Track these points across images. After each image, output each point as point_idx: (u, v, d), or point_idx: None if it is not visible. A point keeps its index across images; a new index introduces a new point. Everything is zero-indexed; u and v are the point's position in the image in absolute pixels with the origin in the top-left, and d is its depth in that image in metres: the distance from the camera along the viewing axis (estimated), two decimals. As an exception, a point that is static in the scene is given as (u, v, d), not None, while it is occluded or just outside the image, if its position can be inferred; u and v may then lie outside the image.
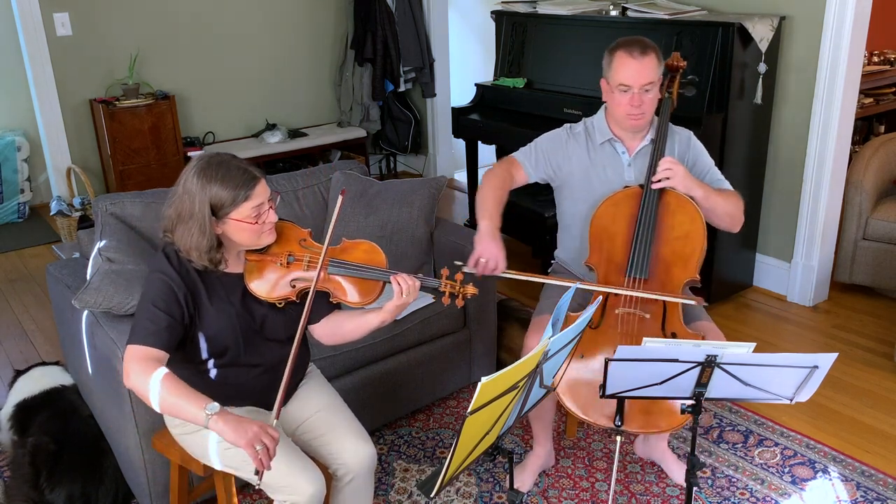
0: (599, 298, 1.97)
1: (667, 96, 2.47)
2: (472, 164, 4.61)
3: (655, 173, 2.31)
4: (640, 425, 2.19)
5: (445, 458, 1.51)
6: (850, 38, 3.40)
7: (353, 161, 3.40)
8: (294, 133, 5.54)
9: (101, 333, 2.32)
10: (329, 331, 2.10)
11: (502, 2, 4.66)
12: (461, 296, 2.00)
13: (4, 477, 2.72)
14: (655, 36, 3.67)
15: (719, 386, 1.84)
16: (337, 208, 1.97)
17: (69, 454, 2.52)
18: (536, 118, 4.14)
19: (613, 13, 4.02)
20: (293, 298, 1.98)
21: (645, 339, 1.85)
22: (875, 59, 5.31)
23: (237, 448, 1.95)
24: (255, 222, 1.88)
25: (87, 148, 5.08)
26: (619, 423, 2.11)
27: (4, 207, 5.27)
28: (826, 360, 1.72)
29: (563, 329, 1.72)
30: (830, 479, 2.63)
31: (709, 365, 1.77)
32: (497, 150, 4.87)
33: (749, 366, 1.77)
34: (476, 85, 4.59)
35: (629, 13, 3.93)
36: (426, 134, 6.05)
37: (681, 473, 2.58)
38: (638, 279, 2.29)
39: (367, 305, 2.01)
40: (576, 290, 2.44)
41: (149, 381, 1.77)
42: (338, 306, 2.12)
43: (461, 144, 4.72)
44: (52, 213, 4.90)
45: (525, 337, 2.43)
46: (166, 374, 1.78)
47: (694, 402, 1.89)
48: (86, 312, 2.43)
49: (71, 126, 4.98)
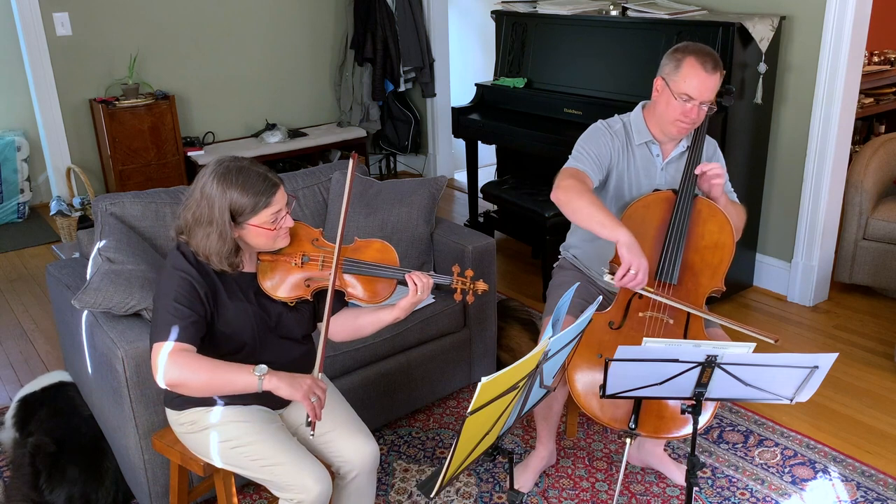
0: (599, 298, 1.96)
1: None
2: (472, 164, 4.61)
3: (706, 173, 2.29)
4: (652, 429, 2.18)
5: (445, 458, 1.51)
6: (850, 38, 3.40)
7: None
8: (294, 133, 5.54)
9: (101, 333, 2.31)
10: (342, 327, 2.11)
11: (502, 2, 4.66)
12: (472, 292, 2.02)
13: (4, 477, 2.72)
14: (655, 36, 3.68)
15: (719, 386, 1.84)
16: (347, 183, 1.97)
17: (69, 454, 2.53)
18: (536, 118, 4.14)
19: (613, 13, 4.02)
20: (308, 297, 2.00)
21: (645, 339, 1.85)
22: (875, 59, 5.31)
23: (242, 447, 1.96)
24: (273, 228, 1.90)
25: (86, 148, 5.08)
26: (633, 425, 2.11)
27: (4, 207, 5.27)
28: (826, 360, 1.72)
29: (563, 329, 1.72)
30: (830, 479, 2.63)
31: (709, 365, 1.77)
32: (497, 150, 4.87)
33: (749, 366, 1.77)
34: (476, 85, 4.59)
35: (629, 13, 3.93)
36: (426, 134, 6.05)
37: (680, 475, 2.58)
38: (667, 284, 2.28)
39: (381, 304, 2.03)
40: (584, 288, 2.46)
41: (190, 369, 1.80)
42: (346, 302, 2.13)
43: (461, 144, 4.72)
44: (52, 213, 4.90)
45: (539, 338, 2.43)
46: (206, 358, 1.83)
47: (694, 402, 1.89)
48: (86, 312, 2.43)
49: (71, 126, 4.98)
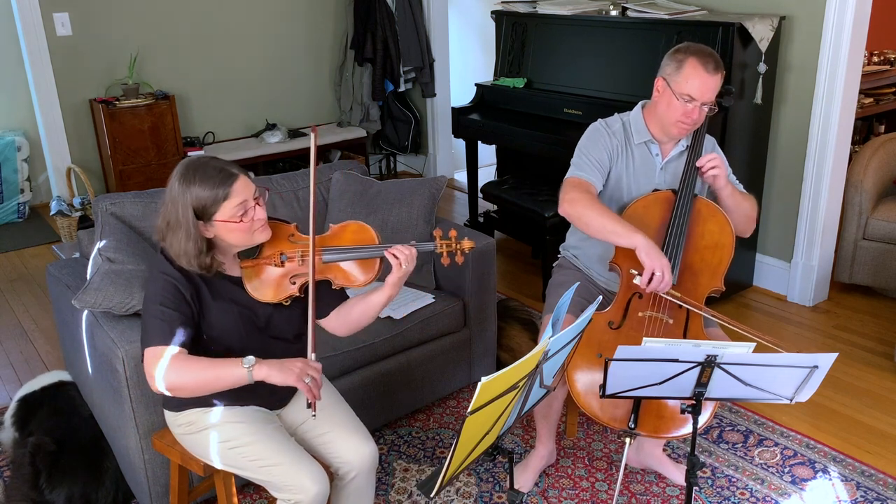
0: (599, 298, 1.96)
1: None
2: (472, 164, 4.61)
3: (702, 168, 2.31)
4: (651, 429, 2.19)
5: (445, 458, 1.51)
6: (850, 38, 3.40)
7: (353, 161, 3.40)
8: (294, 133, 5.54)
9: (101, 333, 2.32)
10: (340, 322, 2.10)
11: (502, 2, 4.66)
12: (459, 252, 2.00)
13: (4, 477, 2.72)
14: (655, 36, 3.68)
15: (719, 386, 1.84)
16: (313, 142, 1.96)
17: (69, 454, 2.53)
18: (536, 118, 4.14)
19: (613, 13, 4.02)
20: (298, 294, 1.98)
21: (645, 338, 1.85)
22: (875, 59, 5.31)
23: (241, 447, 1.96)
24: (241, 221, 1.87)
25: (87, 148, 5.08)
26: (632, 424, 2.11)
27: (4, 207, 5.27)
28: (826, 360, 1.72)
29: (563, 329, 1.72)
30: (830, 479, 2.63)
31: (709, 365, 1.77)
32: (497, 150, 4.87)
33: (749, 366, 1.77)
34: (476, 85, 4.59)
35: (629, 13, 3.93)
36: (426, 134, 6.05)
37: (680, 475, 2.58)
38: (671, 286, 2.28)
39: (370, 284, 2.01)
40: (584, 287, 2.46)
41: (182, 371, 1.81)
42: (345, 296, 2.11)
43: (461, 144, 4.72)
44: (52, 213, 4.90)
45: (539, 337, 2.43)
46: (194, 358, 1.82)
47: (694, 402, 1.89)
48: (86, 312, 2.43)
49: (71, 126, 4.98)
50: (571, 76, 4.09)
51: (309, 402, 1.83)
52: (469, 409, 1.42)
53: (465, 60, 6.39)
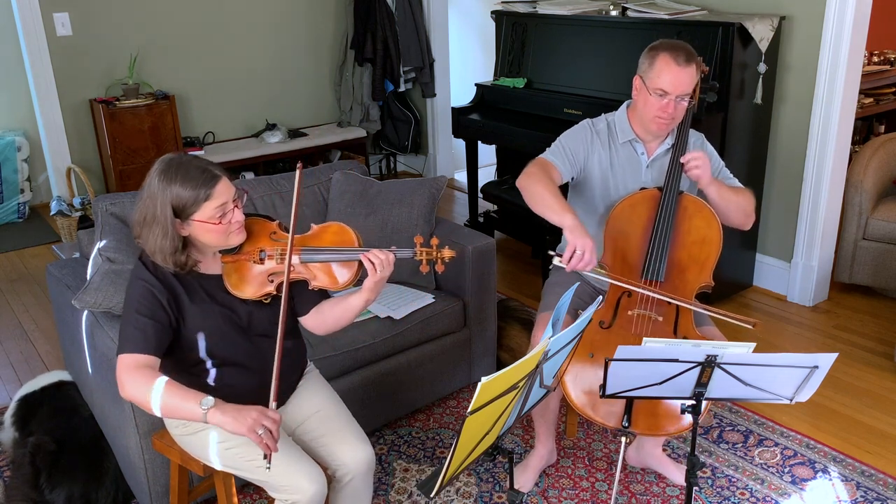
0: (599, 298, 1.96)
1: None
2: (472, 164, 4.61)
3: (684, 165, 2.30)
4: (646, 427, 2.19)
5: (445, 458, 1.51)
6: (850, 38, 3.40)
7: (353, 161, 3.40)
8: (294, 133, 5.54)
9: (101, 333, 2.32)
10: (317, 320, 2.09)
11: (502, 2, 4.66)
12: (440, 261, 1.97)
13: (4, 477, 2.72)
14: (655, 36, 3.66)
15: (719, 386, 1.84)
16: (296, 184, 1.93)
17: (69, 454, 2.53)
18: (536, 118, 4.14)
19: (613, 13, 4.02)
20: (275, 293, 1.96)
21: (645, 339, 1.85)
22: (875, 59, 5.31)
23: (237, 448, 1.96)
24: (220, 222, 1.86)
25: (87, 148, 5.08)
26: (626, 423, 2.11)
27: (4, 207, 5.27)
28: (826, 360, 1.72)
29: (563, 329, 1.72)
30: (830, 479, 2.63)
31: (709, 365, 1.77)
32: (497, 150, 4.87)
33: (749, 366, 1.77)
34: (476, 85, 4.59)
35: (629, 13, 3.93)
36: (426, 134, 6.05)
37: (680, 475, 2.58)
38: (653, 282, 2.28)
39: (349, 287, 1.99)
40: (583, 288, 2.47)
41: (150, 390, 1.78)
42: (325, 295, 2.10)
43: (461, 144, 4.72)
44: (52, 213, 4.90)
45: (532, 333, 2.44)
46: (168, 382, 1.79)
47: (694, 402, 1.89)
48: (86, 312, 2.43)
49: (71, 126, 4.98)
50: (571, 76, 4.09)
51: (264, 454, 1.76)
52: (469, 409, 1.42)
53: (465, 60, 6.39)
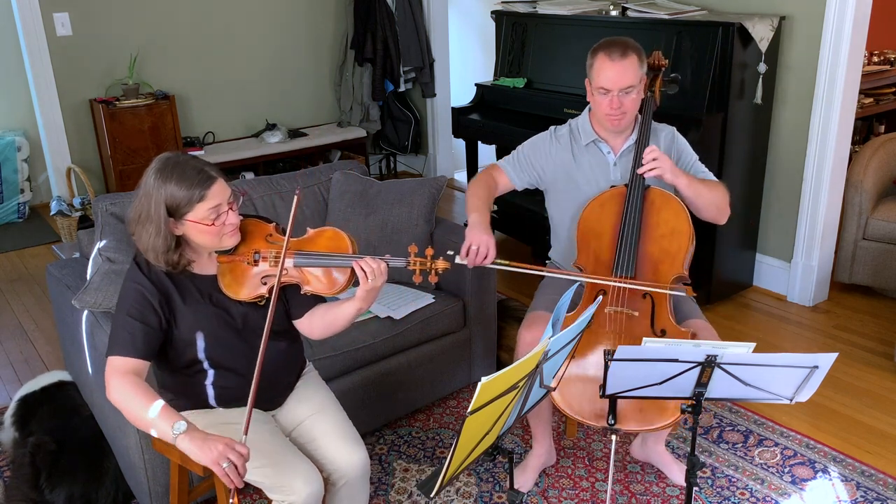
0: (599, 298, 1.97)
1: (649, 95, 2.47)
2: (472, 164, 4.61)
3: (641, 166, 2.30)
4: (635, 423, 2.19)
5: (445, 458, 1.51)
6: (850, 38, 3.40)
7: (353, 161, 3.40)
8: (294, 133, 5.54)
9: (101, 333, 2.31)
10: (311, 325, 2.08)
11: (502, 2, 4.66)
12: (433, 272, 1.98)
13: (4, 477, 2.72)
14: (655, 36, 3.68)
15: (719, 386, 1.84)
16: (294, 207, 1.93)
17: (69, 454, 2.53)
18: (536, 118, 4.14)
19: (613, 13, 4.02)
20: (267, 295, 1.96)
21: (645, 339, 1.85)
22: (875, 59, 5.31)
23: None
24: (213, 224, 1.85)
25: (87, 148, 5.08)
26: (612, 421, 2.12)
27: (4, 207, 5.27)
28: (826, 360, 1.72)
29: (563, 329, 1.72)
30: (830, 479, 2.63)
31: (709, 365, 1.77)
32: (497, 150, 4.87)
33: (749, 366, 1.77)
34: (476, 85, 4.59)
35: (629, 13, 3.93)
36: (426, 134, 6.05)
37: (680, 474, 2.58)
38: (625, 278, 2.30)
39: (342, 293, 1.98)
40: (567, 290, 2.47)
41: (143, 408, 1.76)
42: (319, 299, 2.09)
43: (461, 144, 4.72)
44: (52, 213, 4.90)
45: (518, 331, 2.44)
46: (164, 406, 1.77)
47: (694, 402, 1.89)
48: (86, 312, 2.43)
49: (71, 126, 4.98)
50: (571, 76, 4.09)
51: (228, 487, 1.72)
52: (469, 409, 1.42)
53: (465, 60, 6.39)
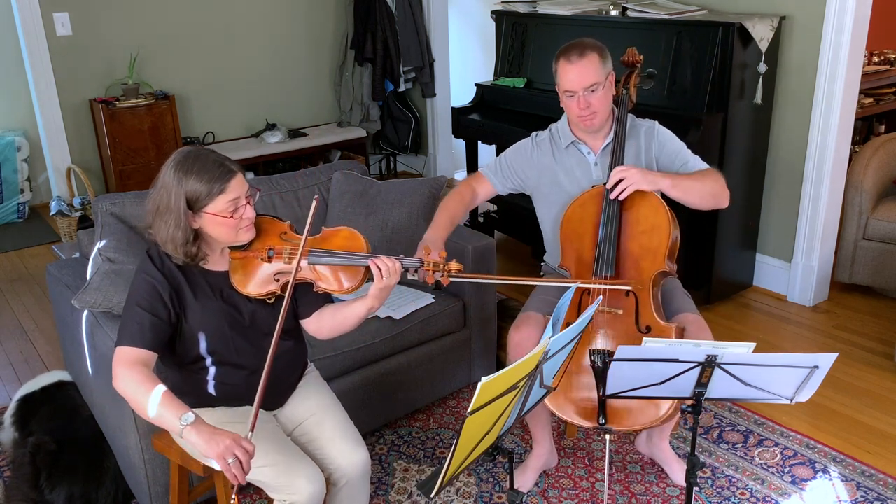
0: (600, 298, 1.97)
1: (624, 93, 2.46)
2: (472, 164, 4.61)
3: (608, 183, 2.31)
4: (625, 423, 2.19)
5: (445, 458, 1.51)
6: (850, 39, 3.40)
7: (353, 161, 3.40)
8: (294, 133, 5.54)
9: (101, 333, 2.32)
10: (319, 325, 2.09)
11: (502, 2, 4.66)
12: (446, 274, 1.99)
13: (4, 477, 2.72)
14: (655, 36, 3.68)
15: (719, 386, 1.84)
16: (311, 210, 1.94)
17: (69, 454, 2.53)
18: (536, 118, 4.14)
19: (613, 13, 4.02)
20: (279, 292, 1.97)
21: (645, 339, 1.85)
22: (875, 59, 5.31)
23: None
24: (231, 216, 1.87)
25: (87, 148, 5.08)
26: (602, 421, 2.12)
27: (4, 207, 5.27)
28: (826, 360, 1.72)
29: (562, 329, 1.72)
30: (830, 479, 2.63)
31: (709, 365, 1.77)
32: (497, 150, 4.87)
33: (749, 366, 1.77)
34: (476, 85, 4.59)
35: (629, 13, 3.93)
36: (426, 134, 6.05)
37: (681, 473, 2.58)
38: (606, 276, 2.30)
39: (354, 292, 1.99)
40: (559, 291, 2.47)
41: (145, 394, 1.77)
42: (328, 299, 2.10)
43: (461, 144, 4.72)
44: (52, 213, 4.90)
45: (509, 331, 2.43)
46: (165, 392, 1.78)
47: (694, 402, 1.89)
48: (86, 312, 2.43)
49: (71, 126, 4.98)
50: (571, 76, 4.09)
51: (231, 484, 1.74)
52: (469, 410, 1.42)
53: (465, 60, 6.38)
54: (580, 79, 2.32)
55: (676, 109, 3.53)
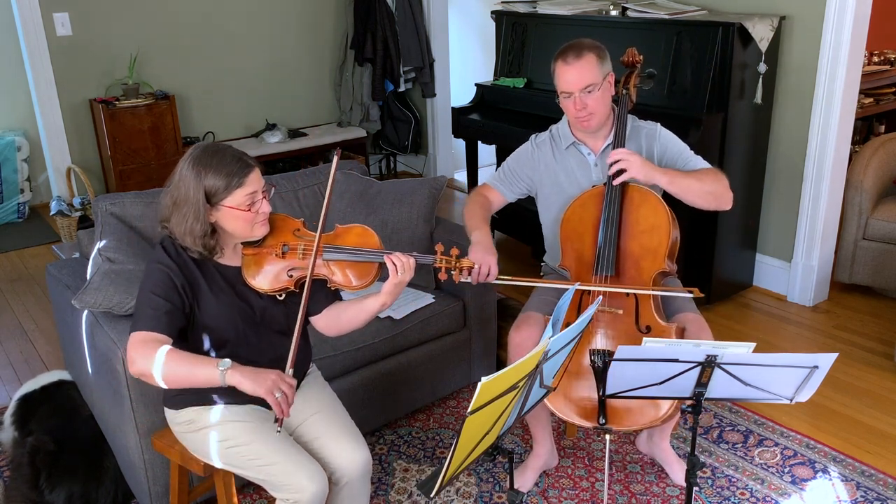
0: (599, 298, 1.97)
1: (624, 93, 2.46)
2: (472, 164, 4.61)
3: (608, 158, 2.31)
4: (625, 423, 2.19)
5: (445, 457, 1.51)
6: (850, 38, 3.40)
7: (353, 161, 3.40)
8: (294, 133, 5.54)
9: (101, 333, 2.32)
10: (330, 321, 2.11)
11: (502, 2, 4.66)
12: (458, 270, 2.04)
13: (4, 477, 2.72)
14: (655, 36, 3.68)
15: (719, 386, 1.84)
16: (332, 173, 1.97)
17: (69, 454, 2.53)
18: (536, 118, 4.14)
19: (613, 13, 4.02)
20: (292, 288, 1.99)
21: (645, 339, 1.85)
22: (875, 59, 5.31)
23: (238, 447, 1.96)
24: (248, 210, 1.90)
25: (87, 148, 5.08)
26: (602, 421, 2.12)
27: (4, 207, 5.27)
28: (826, 360, 1.72)
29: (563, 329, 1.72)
30: (830, 479, 2.63)
31: (709, 365, 1.77)
32: (497, 150, 4.87)
33: (749, 366, 1.77)
34: (476, 85, 4.59)
35: (629, 13, 3.93)
36: (426, 134, 6.05)
37: (681, 473, 2.58)
38: (606, 276, 2.30)
39: (365, 289, 2.01)
40: (558, 292, 2.47)
41: (153, 359, 1.80)
42: (338, 296, 2.13)
43: (461, 144, 4.72)
44: (52, 213, 4.90)
45: (509, 331, 2.44)
46: (170, 350, 1.82)
47: (694, 402, 1.89)
48: (86, 312, 2.43)
49: (71, 126, 4.98)
50: (571, 76, 4.09)
51: (276, 416, 1.82)
52: (469, 409, 1.42)
53: (465, 60, 6.38)
54: (576, 80, 2.32)
55: (676, 109, 3.53)
